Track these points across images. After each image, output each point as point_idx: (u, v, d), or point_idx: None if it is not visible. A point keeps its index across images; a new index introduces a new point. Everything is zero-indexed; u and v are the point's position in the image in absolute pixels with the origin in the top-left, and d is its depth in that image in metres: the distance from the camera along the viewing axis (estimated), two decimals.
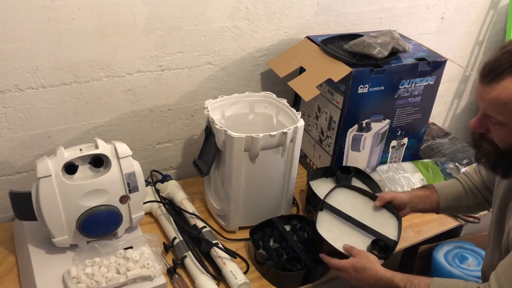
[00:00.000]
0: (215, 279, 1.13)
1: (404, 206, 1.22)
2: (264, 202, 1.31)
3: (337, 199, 1.22)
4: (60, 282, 1.06)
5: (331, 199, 1.21)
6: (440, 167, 1.49)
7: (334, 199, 1.22)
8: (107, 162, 1.13)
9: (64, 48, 1.19)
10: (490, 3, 2.00)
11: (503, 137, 0.88)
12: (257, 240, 1.24)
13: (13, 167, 1.29)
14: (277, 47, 1.54)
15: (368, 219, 1.18)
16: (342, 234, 1.15)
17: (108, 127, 1.37)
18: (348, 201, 1.22)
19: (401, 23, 1.78)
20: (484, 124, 0.91)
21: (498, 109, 0.84)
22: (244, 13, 1.41)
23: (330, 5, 1.56)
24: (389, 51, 1.37)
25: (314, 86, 1.33)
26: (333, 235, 1.13)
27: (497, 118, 0.86)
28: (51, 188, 1.05)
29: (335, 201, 1.21)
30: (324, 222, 1.16)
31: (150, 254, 1.12)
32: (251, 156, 1.19)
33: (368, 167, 1.54)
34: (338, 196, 1.23)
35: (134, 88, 1.35)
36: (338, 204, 1.20)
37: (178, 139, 1.53)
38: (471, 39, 2.08)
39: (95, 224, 1.12)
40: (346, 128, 1.42)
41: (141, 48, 1.30)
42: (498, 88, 0.82)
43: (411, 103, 1.47)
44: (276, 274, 1.15)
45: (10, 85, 1.18)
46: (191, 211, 1.32)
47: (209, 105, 1.27)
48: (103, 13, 1.20)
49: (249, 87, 1.56)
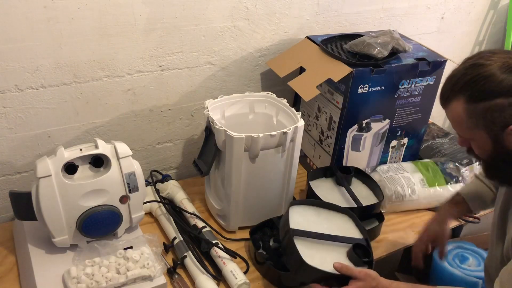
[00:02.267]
0: (215, 279, 1.13)
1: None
2: (264, 202, 1.31)
3: (297, 221, 1.16)
4: (60, 282, 1.06)
5: (293, 223, 1.14)
6: (440, 167, 1.50)
7: (294, 222, 1.15)
8: (107, 162, 1.13)
9: (64, 48, 1.19)
10: (490, 3, 2.00)
11: (478, 150, 0.96)
12: (257, 240, 1.24)
13: (13, 167, 1.29)
14: (277, 47, 1.54)
15: (328, 228, 1.17)
16: (317, 253, 1.10)
17: (108, 127, 1.37)
18: (304, 218, 1.19)
19: (401, 23, 1.78)
20: (463, 140, 1.00)
21: (458, 127, 0.96)
22: (244, 13, 1.41)
23: (330, 5, 1.56)
24: (389, 51, 1.37)
25: (314, 86, 1.33)
26: (312, 257, 1.07)
27: (461, 135, 0.98)
28: (51, 188, 1.05)
29: (296, 224, 1.15)
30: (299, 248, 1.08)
31: (150, 254, 1.12)
32: (251, 156, 1.19)
33: (368, 167, 1.54)
34: (296, 218, 1.17)
35: (134, 88, 1.35)
36: (299, 226, 1.14)
37: (178, 139, 1.53)
38: (471, 39, 2.08)
39: (95, 224, 1.11)
40: (346, 128, 1.42)
41: (141, 48, 1.30)
42: (449, 111, 0.95)
43: (411, 103, 1.47)
44: (276, 274, 1.15)
45: (10, 85, 1.18)
46: (191, 211, 1.32)
47: (209, 105, 1.27)
48: (103, 13, 1.20)
49: (249, 87, 1.56)
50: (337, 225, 1.19)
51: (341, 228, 1.18)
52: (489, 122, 0.89)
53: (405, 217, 1.43)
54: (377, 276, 1.03)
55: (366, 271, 1.03)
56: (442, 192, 1.44)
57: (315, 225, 1.17)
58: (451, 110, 0.94)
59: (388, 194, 1.41)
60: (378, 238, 1.34)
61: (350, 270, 1.03)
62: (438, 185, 1.44)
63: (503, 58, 0.88)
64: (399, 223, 1.41)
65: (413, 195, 1.42)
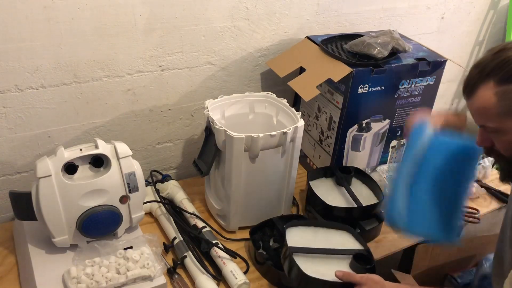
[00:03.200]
0: (215, 279, 1.13)
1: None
2: (264, 202, 1.31)
3: (294, 240, 1.16)
4: (60, 282, 1.06)
5: (291, 242, 1.14)
6: None
7: (292, 241, 1.15)
8: (107, 162, 1.13)
9: (64, 48, 1.19)
10: (490, 3, 2.00)
11: (505, 145, 0.91)
12: (257, 240, 1.24)
13: (13, 167, 1.29)
14: (277, 47, 1.54)
15: (327, 244, 1.17)
16: (319, 267, 1.10)
17: (108, 127, 1.37)
18: (301, 237, 1.18)
19: (401, 23, 1.78)
20: (485, 137, 0.95)
21: (485, 117, 0.90)
22: (244, 13, 1.41)
23: (330, 5, 1.56)
24: (389, 51, 1.37)
25: (314, 86, 1.33)
26: (313, 272, 1.07)
27: (489, 126, 0.91)
28: (51, 188, 1.05)
29: (294, 242, 1.14)
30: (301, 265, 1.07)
31: (150, 254, 1.12)
32: (251, 156, 1.19)
33: (368, 167, 1.54)
34: (293, 237, 1.17)
35: (134, 88, 1.35)
36: (297, 244, 1.14)
37: (178, 139, 1.53)
38: (471, 39, 2.08)
39: (95, 224, 1.11)
40: (346, 128, 1.42)
41: (141, 48, 1.30)
42: (476, 99, 0.90)
43: (411, 103, 1.47)
44: (276, 274, 1.15)
45: (10, 85, 1.18)
46: (191, 211, 1.32)
47: (209, 105, 1.27)
48: (103, 13, 1.20)
49: (249, 87, 1.56)
50: (337, 241, 1.19)
51: (341, 244, 1.18)
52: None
53: None
54: (381, 279, 1.03)
55: (368, 276, 1.03)
56: None
57: (313, 243, 1.16)
58: (478, 97, 0.89)
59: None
60: (378, 238, 1.34)
61: (352, 277, 1.03)
62: None
63: None
64: None
65: None
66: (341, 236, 1.21)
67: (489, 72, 0.87)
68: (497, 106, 0.87)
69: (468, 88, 0.91)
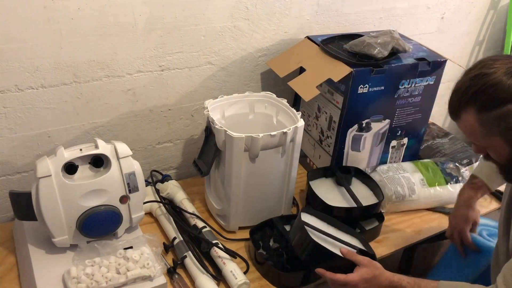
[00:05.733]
0: (215, 279, 1.13)
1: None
2: (264, 202, 1.31)
3: (307, 218, 1.19)
4: (60, 282, 1.06)
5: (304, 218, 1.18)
6: (440, 167, 1.50)
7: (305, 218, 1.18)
8: (107, 162, 1.13)
9: (64, 48, 1.19)
10: (490, 3, 2.00)
11: (496, 156, 0.96)
12: (257, 240, 1.24)
13: (13, 167, 1.29)
14: (277, 47, 1.54)
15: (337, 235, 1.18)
16: (326, 245, 1.12)
17: (108, 127, 1.37)
18: (314, 222, 1.20)
19: (401, 23, 1.78)
20: (479, 148, 0.99)
21: (472, 137, 0.96)
22: (244, 13, 1.41)
23: (330, 5, 1.56)
24: (389, 51, 1.37)
25: (314, 86, 1.33)
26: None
27: (476, 144, 0.98)
28: (51, 188, 1.05)
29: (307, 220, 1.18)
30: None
31: (150, 254, 1.12)
32: (251, 156, 1.19)
33: (368, 167, 1.54)
34: (307, 218, 1.20)
35: (134, 88, 1.35)
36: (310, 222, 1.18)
37: (178, 139, 1.53)
38: (471, 39, 2.08)
39: (95, 224, 1.12)
40: (346, 128, 1.42)
41: (141, 48, 1.30)
42: (461, 122, 0.96)
43: (411, 103, 1.47)
44: (276, 274, 1.15)
45: (10, 85, 1.18)
46: (191, 211, 1.32)
47: (209, 105, 1.27)
48: (103, 13, 1.20)
49: (249, 87, 1.56)
50: (345, 238, 1.20)
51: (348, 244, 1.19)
52: (503, 128, 0.89)
53: (405, 217, 1.43)
54: (381, 266, 1.06)
55: (370, 260, 1.07)
56: (442, 192, 1.44)
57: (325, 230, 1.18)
58: (463, 122, 0.94)
59: (388, 194, 1.41)
60: (378, 238, 1.34)
61: (355, 256, 1.07)
62: (438, 185, 1.44)
63: (506, 64, 0.88)
64: (399, 223, 1.41)
65: (413, 195, 1.42)
66: (350, 239, 1.22)
67: (469, 100, 0.92)
68: (480, 130, 0.92)
69: (452, 112, 0.97)
